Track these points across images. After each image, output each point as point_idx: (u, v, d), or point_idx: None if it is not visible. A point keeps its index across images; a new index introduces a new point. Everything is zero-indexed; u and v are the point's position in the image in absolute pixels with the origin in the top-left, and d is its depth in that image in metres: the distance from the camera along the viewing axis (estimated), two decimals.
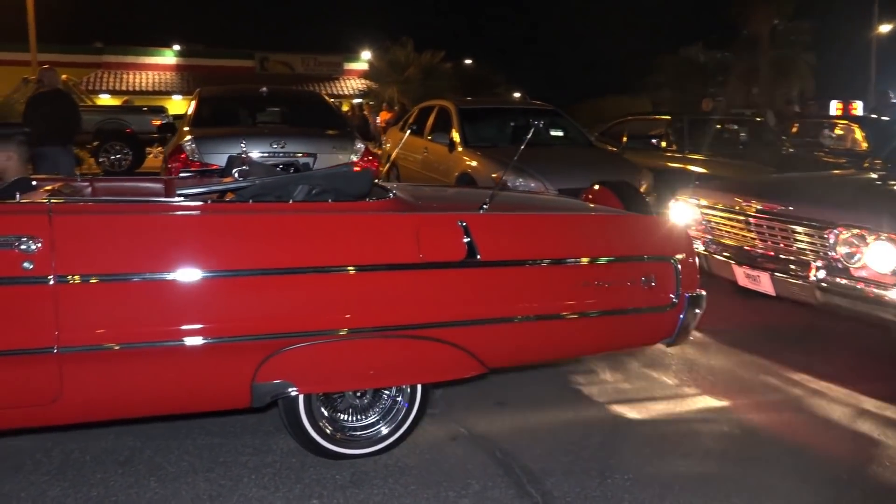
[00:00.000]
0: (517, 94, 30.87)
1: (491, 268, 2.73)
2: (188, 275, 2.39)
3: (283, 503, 2.56)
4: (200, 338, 2.41)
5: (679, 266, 3.01)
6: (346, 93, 30.88)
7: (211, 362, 2.48)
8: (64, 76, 16.86)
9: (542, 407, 3.46)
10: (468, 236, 2.68)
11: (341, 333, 2.57)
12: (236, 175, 3.24)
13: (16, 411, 2.36)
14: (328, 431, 2.75)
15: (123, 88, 29.16)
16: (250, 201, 2.65)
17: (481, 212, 2.78)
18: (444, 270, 2.67)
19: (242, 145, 4.97)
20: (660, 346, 3.39)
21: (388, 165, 8.01)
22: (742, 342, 4.38)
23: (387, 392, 2.88)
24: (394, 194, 2.88)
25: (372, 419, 2.87)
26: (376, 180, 3.24)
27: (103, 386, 2.41)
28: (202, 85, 8.59)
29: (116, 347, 2.35)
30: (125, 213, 2.47)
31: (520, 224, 2.90)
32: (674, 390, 3.71)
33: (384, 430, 2.84)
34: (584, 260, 2.88)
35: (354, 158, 6.19)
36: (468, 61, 35.82)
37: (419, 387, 2.84)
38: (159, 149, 13.41)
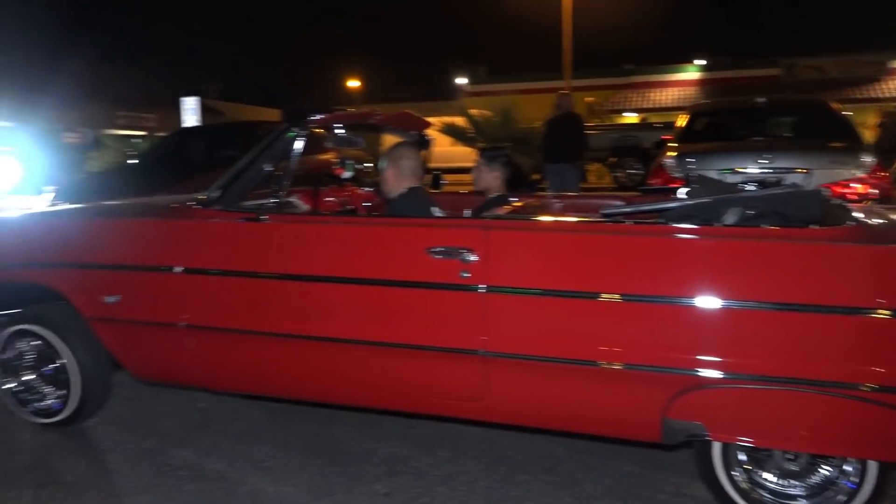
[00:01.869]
0: None
1: None
2: (600, 296, 2.37)
3: None
4: (612, 361, 2.37)
5: None
6: (889, 96, 26.74)
7: (621, 388, 2.41)
8: (589, 98, 18.63)
9: None
10: None
11: (766, 380, 2.22)
12: (683, 194, 3.08)
13: (447, 402, 2.68)
14: (746, 489, 2.41)
15: (646, 106, 30.55)
16: (672, 223, 2.47)
17: None
18: None
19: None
20: None
21: None
22: None
23: (826, 462, 2.38)
24: (856, 221, 2.36)
25: (800, 491, 2.40)
26: (840, 202, 2.71)
27: (521, 393, 2.56)
28: (720, 97, 8.46)
29: (535, 359, 2.47)
30: (546, 231, 2.57)
31: None
32: None
33: None
34: None
35: (859, 175, 5.30)
36: None
37: (873, 466, 2.27)
38: None
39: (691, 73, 32.93)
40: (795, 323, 2.20)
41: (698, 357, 2.28)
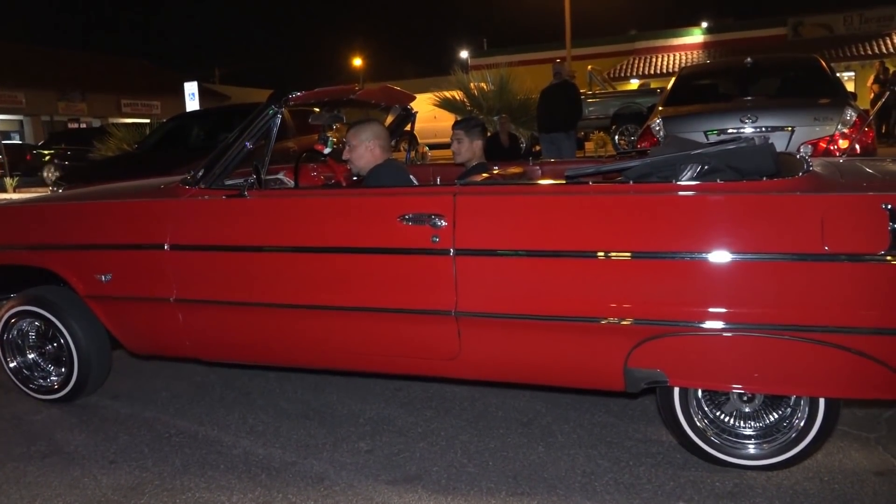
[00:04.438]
0: None
1: None
2: (560, 254, 2.47)
3: (649, 495, 2.46)
4: (574, 315, 2.47)
5: None
6: None
7: (584, 340, 2.52)
8: (589, 66, 18.51)
9: None
10: (894, 223, 2.12)
11: (719, 327, 2.32)
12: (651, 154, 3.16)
13: (424, 361, 2.80)
14: (706, 431, 2.53)
15: (651, 72, 30.30)
16: (631, 182, 2.56)
17: None
18: (853, 265, 2.17)
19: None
20: None
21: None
22: None
23: (780, 401, 2.49)
24: (811, 171, 2.43)
25: (751, 431, 2.52)
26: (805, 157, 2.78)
27: (492, 350, 2.67)
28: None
29: (502, 316, 2.58)
30: (509, 194, 2.66)
31: None
32: None
33: (770, 446, 2.47)
34: None
35: (843, 130, 5.33)
36: None
37: (821, 403, 2.38)
38: None
39: (696, 36, 32.59)
40: (747, 271, 2.29)
41: (655, 308, 2.39)
